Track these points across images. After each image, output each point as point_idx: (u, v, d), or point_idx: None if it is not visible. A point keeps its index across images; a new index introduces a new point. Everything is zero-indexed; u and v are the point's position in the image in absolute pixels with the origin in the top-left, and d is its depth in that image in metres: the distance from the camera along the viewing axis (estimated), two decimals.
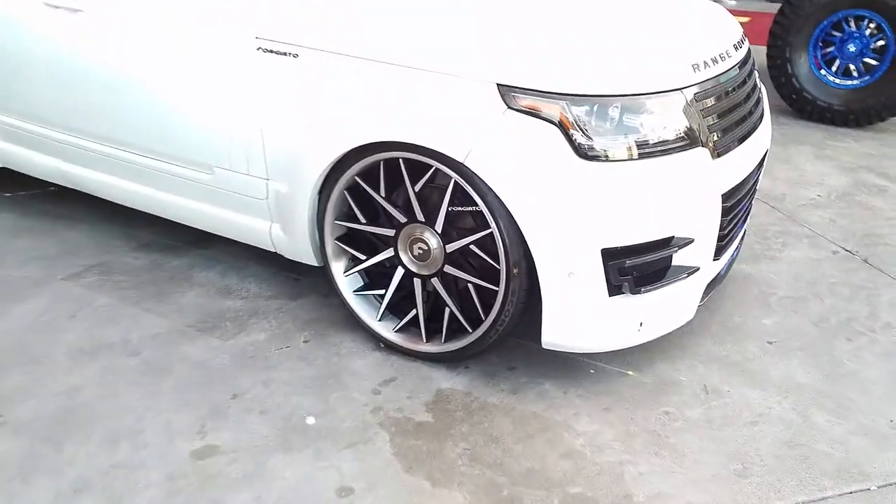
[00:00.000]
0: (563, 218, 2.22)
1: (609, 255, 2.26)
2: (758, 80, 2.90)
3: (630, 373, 2.58)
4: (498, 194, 2.25)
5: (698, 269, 2.44)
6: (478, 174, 2.26)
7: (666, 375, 2.57)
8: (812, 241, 3.49)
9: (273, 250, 2.81)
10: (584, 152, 2.21)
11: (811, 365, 2.64)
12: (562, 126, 2.20)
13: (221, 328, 2.77)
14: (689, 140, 2.32)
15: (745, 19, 5.44)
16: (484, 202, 2.30)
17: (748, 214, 2.93)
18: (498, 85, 2.23)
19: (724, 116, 2.49)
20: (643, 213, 2.27)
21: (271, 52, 2.49)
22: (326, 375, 2.53)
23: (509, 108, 2.22)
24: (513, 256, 2.32)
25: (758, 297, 3.03)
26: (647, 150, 2.26)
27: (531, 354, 2.61)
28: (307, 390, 2.46)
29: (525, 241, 2.27)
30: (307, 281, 3.01)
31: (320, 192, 2.58)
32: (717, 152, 2.40)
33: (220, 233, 2.93)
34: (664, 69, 2.34)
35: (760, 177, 2.86)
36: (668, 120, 2.30)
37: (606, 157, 2.23)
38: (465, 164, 2.25)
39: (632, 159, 2.24)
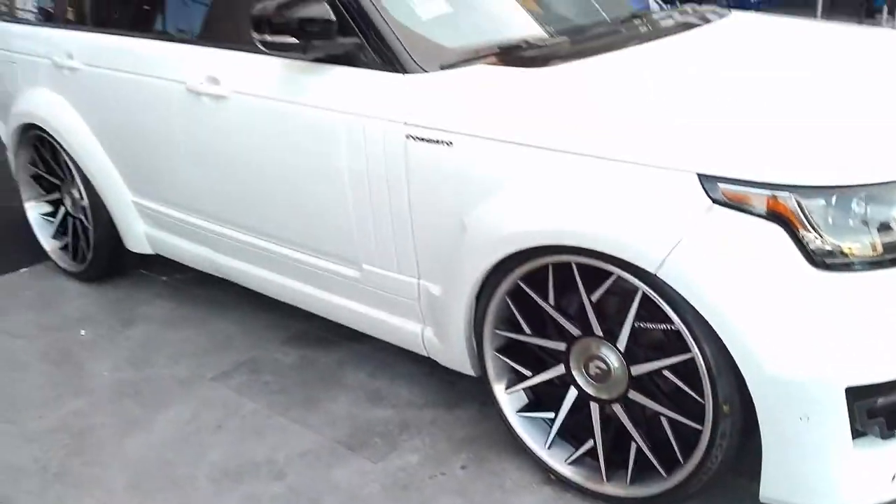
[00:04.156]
0: (794, 347, 1.60)
1: (856, 394, 1.61)
2: None
3: None
4: (702, 313, 1.67)
5: None
6: (674, 287, 1.69)
7: None
8: None
9: (426, 355, 2.36)
10: (820, 259, 1.59)
11: None
12: (789, 225, 1.60)
13: (371, 446, 2.33)
14: None
15: None
16: (682, 321, 1.72)
17: None
18: (700, 175, 1.66)
19: None
20: None
21: (422, 139, 2.05)
22: None
23: (715, 203, 1.65)
24: (722, 391, 1.72)
25: None
26: None
27: (737, 493, 1.98)
28: None
29: (739, 373, 1.67)
30: (463, 386, 2.52)
31: (478, 297, 2.10)
32: None
33: (370, 332, 2.51)
34: None
35: None
36: None
37: (850, 264, 1.60)
38: (659, 274, 1.69)
39: (884, 266, 1.60)
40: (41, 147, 3.45)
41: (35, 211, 3.65)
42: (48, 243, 3.61)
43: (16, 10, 3.48)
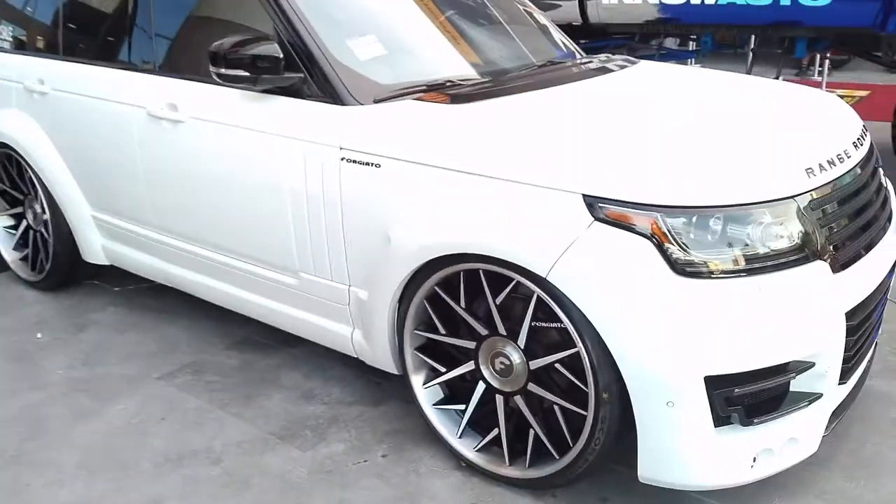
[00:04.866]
0: (658, 341, 1.84)
1: (714, 384, 1.85)
2: (883, 179, 2.44)
3: None
4: (584, 312, 1.91)
5: (821, 395, 1.99)
6: (562, 290, 1.92)
7: None
8: None
9: (355, 356, 2.55)
10: (681, 268, 1.84)
11: None
12: (655, 239, 1.85)
13: (301, 437, 2.50)
14: (805, 253, 1.92)
15: (866, 93, 4.89)
16: (569, 319, 1.96)
17: (879, 324, 2.42)
18: (584, 196, 1.91)
19: (845, 224, 2.07)
20: (752, 337, 1.86)
21: (354, 161, 2.27)
22: (403, 497, 2.21)
23: (596, 219, 1.89)
24: (602, 380, 1.95)
25: (895, 422, 2.50)
26: (755, 266, 1.87)
27: (626, 483, 2.19)
28: None
29: (617, 365, 1.91)
30: (390, 386, 2.72)
31: (400, 301, 2.31)
32: (839, 265, 1.98)
33: (305, 336, 2.70)
34: (773, 175, 1.95)
35: (892, 282, 2.35)
36: (779, 231, 1.91)
37: (708, 273, 1.85)
38: (548, 279, 1.93)
39: (738, 275, 1.86)
40: (8, 164, 3.59)
41: None
42: (9, 254, 3.73)
43: None
